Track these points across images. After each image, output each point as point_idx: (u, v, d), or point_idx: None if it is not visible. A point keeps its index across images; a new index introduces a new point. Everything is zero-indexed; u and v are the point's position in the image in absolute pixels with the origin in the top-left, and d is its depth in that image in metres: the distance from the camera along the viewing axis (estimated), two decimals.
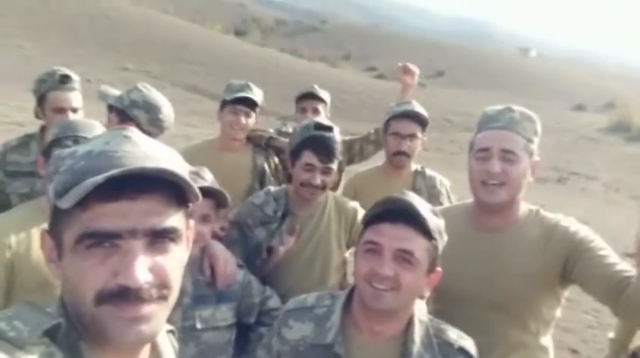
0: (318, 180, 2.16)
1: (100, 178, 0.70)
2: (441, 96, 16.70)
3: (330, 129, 2.19)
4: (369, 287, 1.33)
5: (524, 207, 1.76)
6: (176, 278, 0.79)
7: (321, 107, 3.24)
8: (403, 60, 3.37)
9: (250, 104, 2.79)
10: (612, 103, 18.17)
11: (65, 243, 0.75)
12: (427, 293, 1.47)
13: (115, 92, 2.48)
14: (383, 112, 2.83)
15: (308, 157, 2.17)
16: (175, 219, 0.78)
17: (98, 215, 0.72)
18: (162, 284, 0.76)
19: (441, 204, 2.67)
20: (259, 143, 2.89)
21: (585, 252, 1.60)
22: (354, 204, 2.38)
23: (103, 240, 0.73)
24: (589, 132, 14.70)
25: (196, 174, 1.83)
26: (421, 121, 2.67)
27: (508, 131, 1.66)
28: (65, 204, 0.72)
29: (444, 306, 1.84)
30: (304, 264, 2.25)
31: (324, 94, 3.32)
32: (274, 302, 2.00)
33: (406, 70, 3.12)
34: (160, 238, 0.76)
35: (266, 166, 2.86)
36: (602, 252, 1.59)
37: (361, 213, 2.35)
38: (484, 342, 1.70)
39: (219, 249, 1.93)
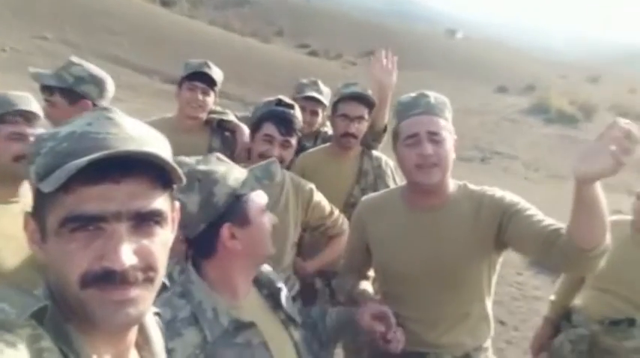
0: (276, 151, 2.16)
1: (82, 161, 0.68)
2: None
3: (292, 106, 2.23)
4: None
5: (452, 183, 1.85)
6: (162, 261, 0.78)
7: (320, 110, 3.12)
8: (335, 38, 3.32)
9: (208, 82, 2.71)
10: (533, 86, 19.04)
11: (49, 226, 0.74)
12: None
13: (46, 72, 2.31)
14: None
15: (268, 129, 2.18)
16: (160, 202, 0.77)
17: (82, 198, 0.71)
18: (148, 267, 0.76)
19: (386, 183, 2.73)
20: (212, 124, 2.81)
21: (515, 213, 1.69)
22: (311, 186, 2.38)
23: (87, 223, 0.72)
24: (511, 114, 15.36)
25: None
26: (369, 103, 2.69)
27: (429, 115, 1.75)
28: (47, 187, 0.70)
29: (390, 287, 1.89)
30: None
31: (326, 96, 3.13)
32: None
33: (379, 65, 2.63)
34: (145, 221, 0.75)
35: (222, 148, 2.77)
36: (529, 212, 1.68)
37: (317, 194, 2.37)
38: (430, 318, 1.80)
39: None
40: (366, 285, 2.03)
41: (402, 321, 1.71)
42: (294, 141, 2.23)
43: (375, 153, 2.84)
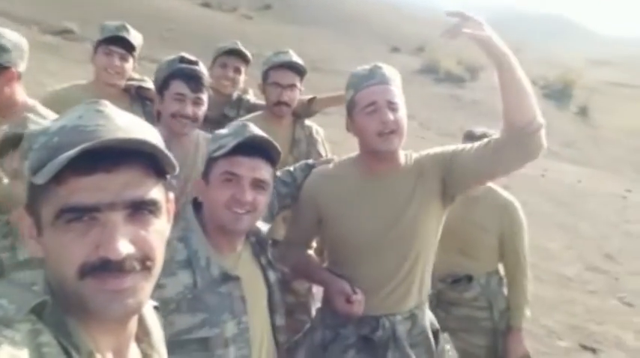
0: (189, 110, 2.12)
1: (72, 152, 0.68)
2: (270, 30, 16.64)
3: (196, 62, 2.19)
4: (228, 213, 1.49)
5: (402, 153, 1.93)
6: (159, 250, 0.78)
7: (243, 68, 3.02)
8: None
9: (126, 46, 2.54)
10: (423, 47, 19.77)
11: (44, 218, 0.74)
12: None
13: None
14: (212, 43, 2.69)
15: (178, 87, 2.12)
16: (155, 191, 0.77)
17: (75, 189, 0.71)
18: (145, 256, 0.75)
19: (318, 151, 2.76)
20: (130, 92, 2.65)
21: (452, 155, 1.83)
22: None
23: (81, 214, 0.72)
24: (404, 74, 15.79)
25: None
26: (300, 71, 2.68)
27: (385, 84, 1.82)
28: (40, 179, 0.70)
29: (343, 255, 1.93)
30: (181, 206, 2.17)
31: (249, 54, 3.07)
32: None
33: None
34: (139, 210, 0.75)
35: (144, 118, 2.63)
36: (462, 147, 1.84)
37: None
38: (384, 281, 1.86)
39: None
40: (313, 256, 2.07)
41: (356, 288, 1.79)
42: (205, 97, 2.18)
43: (306, 122, 2.84)
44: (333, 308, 1.84)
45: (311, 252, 2.11)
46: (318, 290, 2.40)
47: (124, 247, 0.72)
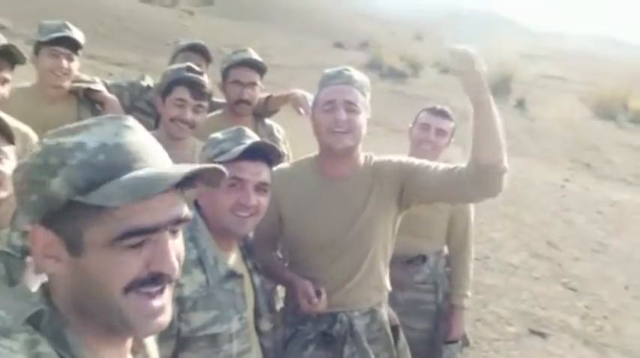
0: (188, 115, 2.20)
1: (160, 188, 0.72)
2: (212, 26, 16.35)
3: (201, 73, 2.29)
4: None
5: (361, 155, 1.97)
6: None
7: (204, 65, 2.93)
8: None
9: (71, 45, 2.44)
10: (367, 43, 19.93)
11: (90, 240, 0.73)
12: None
13: None
14: (151, 39, 2.61)
15: (180, 92, 2.21)
16: (186, 207, 0.82)
17: (133, 211, 0.73)
18: (178, 270, 0.80)
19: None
20: (78, 94, 2.56)
21: (414, 171, 1.87)
22: None
23: (144, 235, 0.74)
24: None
25: None
26: (260, 69, 2.69)
27: (348, 86, 1.86)
28: (113, 202, 0.70)
29: (301, 255, 1.95)
30: None
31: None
32: None
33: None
34: (177, 225, 0.80)
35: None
36: (425, 164, 1.88)
37: None
38: (341, 279, 1.89)
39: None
40: (277, 257, 2.10)
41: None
42: (205, 105, 2.27)
43: (267, 121, 2.85)
44: (293, 307, 1.88)
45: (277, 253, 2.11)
46: (280, 290, 2.38)
47: (175, 263, 0.78)
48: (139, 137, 0.78)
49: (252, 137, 1.59)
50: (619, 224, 7.64)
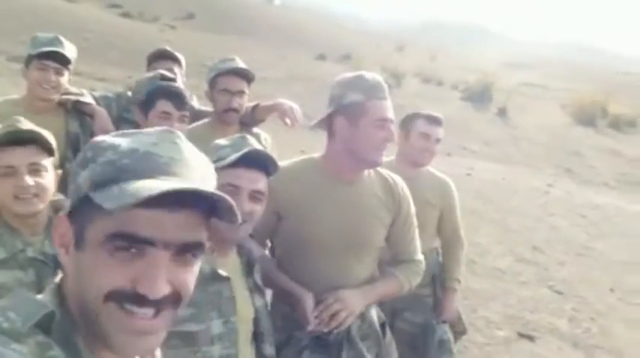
0: (175, 127, 2.14)
1: (154, 193, 0.66)
2: (194, 40, 16.36)
3: (174, 79, 2.33)
4: None
5: None
6: (191, 290, 0.77)
7: (176, 68, 2.99)
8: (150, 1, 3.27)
9: (61, 60, 2.45)
10: (349, 55, 20.07)
11: (89, 235, 0.73)
12: None
13: None
14: (134, 54, 2.65)
15: (164, 105, 2.22)
16: (205, 235, 0.77)
17: (133, 218, 0.70)
18: (178, 296, 0.75)
19: None
20: (66, 106, 2.57)
21: (404, 223, 2.04)
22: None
23: (133, 243, 0.71)
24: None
25: None
26: (248, 77, 2.69)
27: (388, 101, 1.92)
28: (109, 204, 0.67)
29: (297, 253, 1.96)
30: None
31: (180, 55, 3.12)
32: None
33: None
34: (185, 251, 0.74)
35: (80, 132, 2.58)
36: (408, 229, 2.07)
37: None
38: (336, 283, 1.90)
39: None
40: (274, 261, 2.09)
41: (307, 287, 1.84)
42: (187, 114, 2.31)
43: (254, 129, 2.84)
44: (285, 312, 1.88)
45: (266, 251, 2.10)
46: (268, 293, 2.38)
47: (163, 288, 0.72)
48: (178, 151, 0.75)
49: (252, 145, 1.58)
50: (602, 227, 7.75)
